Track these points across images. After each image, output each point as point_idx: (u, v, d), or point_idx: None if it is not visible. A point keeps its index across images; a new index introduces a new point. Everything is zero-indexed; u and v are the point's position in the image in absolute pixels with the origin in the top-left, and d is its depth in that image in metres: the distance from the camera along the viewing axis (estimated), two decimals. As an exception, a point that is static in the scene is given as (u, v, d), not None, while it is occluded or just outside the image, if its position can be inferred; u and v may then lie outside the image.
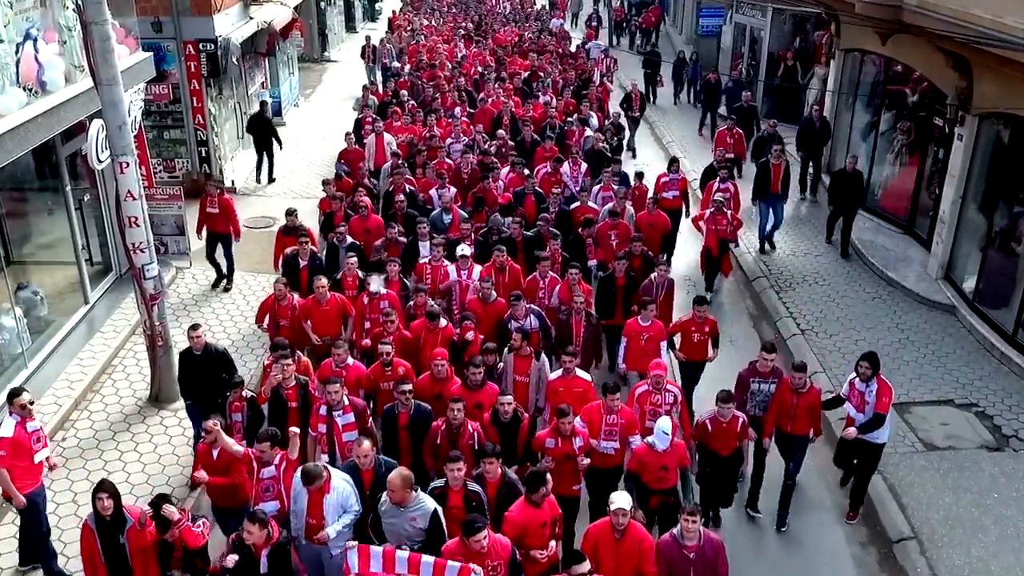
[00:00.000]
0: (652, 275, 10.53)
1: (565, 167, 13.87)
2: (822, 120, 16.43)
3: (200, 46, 15.32)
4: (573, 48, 25.15)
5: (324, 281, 9.63)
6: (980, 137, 12.13)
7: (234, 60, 16.34)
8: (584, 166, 14.07)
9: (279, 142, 17.46)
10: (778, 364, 8.62)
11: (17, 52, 9.30)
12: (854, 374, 8.47)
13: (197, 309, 12.32)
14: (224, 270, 13.05)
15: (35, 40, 9.62)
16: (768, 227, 14.47)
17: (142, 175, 10.42)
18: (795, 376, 8.28)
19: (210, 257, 12.93)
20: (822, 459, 9.67)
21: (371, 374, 8.56)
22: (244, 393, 8.08)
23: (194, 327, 8.72)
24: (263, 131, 17.18)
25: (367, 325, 9.71)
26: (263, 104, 17.95)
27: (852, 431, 8.31)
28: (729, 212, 12.66)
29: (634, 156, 19.44)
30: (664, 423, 7.44)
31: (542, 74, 19.94)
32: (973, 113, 11.99)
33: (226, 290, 12.89)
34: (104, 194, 12.02)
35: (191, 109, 15.76)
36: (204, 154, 16.18)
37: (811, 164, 16.79)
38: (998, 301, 11.78)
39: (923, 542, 8.35)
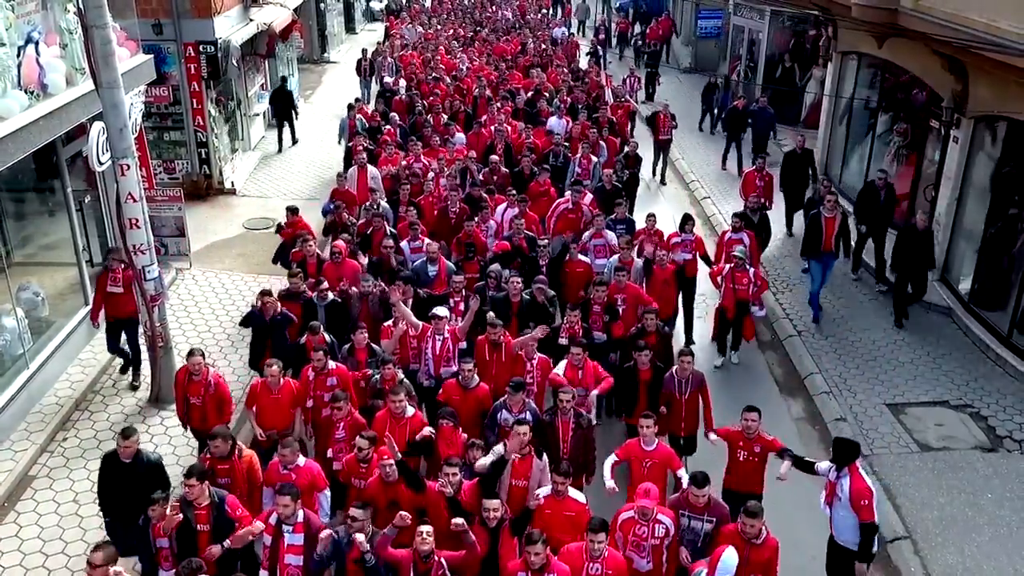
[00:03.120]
0: (673, 368, 8.47)
1: (588, 199, 12.18)
2: (887, 188, 13.09)
3: (200, 48, 15.38)
4: (583, 63, 23.51)
5: (276, 368, 8.06)
6: (976, 140, 12.21)
7: (234, 62, 16.42)
8: (589, 197, 12.40)
9: (296, 112, 19.88)
10: (718, 500, 6.99)
11: (18, 55, 9.36)
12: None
13: (197, 311, 12.38)
14: (130, 359, 10.67)
15: (36, 43, 9.66)
16: (816, 286, 12.42)
17: (142, 177, 10.47)
18: (746, 523, 6.29)
19: (113, 348, 10.50)
20: (813, 448, 9.76)
21: (346, 467, 7.36)
22: (168, 509, 6.46)
23: (126, 433, 7.13)
24: (284, 103, 19.25)
25: (309, 404, 8.24)
26: (283, 79, 19.72)
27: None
28: (752, 271, 10.89)
29: (662, 182, 18.10)
30: (730, 558, 6.05)
31: (547, 93, 17.86)
32: (968, 116, 12.07)
33: (133, 387, 10.54)
34: (105, 196, 12.06)
35: (191, 111, 15.83)
36: (204, 155, 16.26)
37: (873, 240, 13.34)
38: (994, 303, 11.85)
39: (917, 542, 8.42)
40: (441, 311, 8.87)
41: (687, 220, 11.78)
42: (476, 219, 11.37)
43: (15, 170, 10.06)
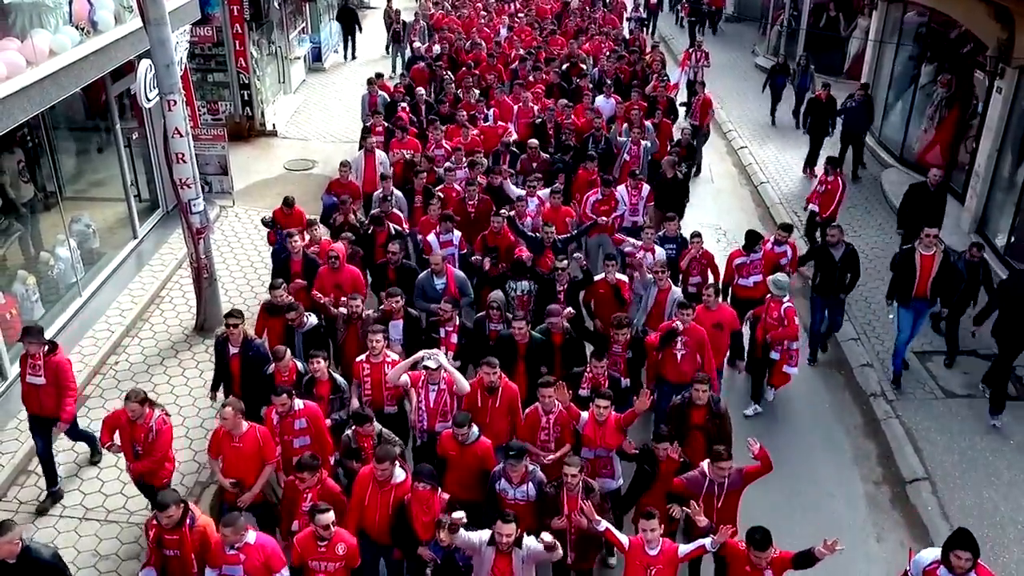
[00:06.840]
0: (703, 465, 6.59)
1: (621, 189, 10.72)
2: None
3: (243, -11, 15.57)
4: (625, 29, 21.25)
5: (230, 410, 6.75)
6: (1020, 90, 12.02)
7: (275, 4, 16.59)
8: (647, 188, 10.99)
9: (360, 26, 21.95)
10: None
11: (69, -9, 9.66)
12: (933, 557, 5.87)
13: (240, 246, 12.77)
14: (44, 471, 8.07)
15: (86, -20, 9.95)
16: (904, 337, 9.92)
17: (187, 115, 10.78)
18: None
19: (44, 454, 7.96)
20: (836, 398, 9.90)
21: (299, 546, 6.02)
22: None
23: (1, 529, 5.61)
24: (348, 19, 21.61)
25: (278, 452, 7.02)
26: None
27: None
28: (786, 306, 8.87)
29: (698, 172, 15.47)
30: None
31: (583, 66, 15.84)
32: (1014, 65, 11.87)
33: (42, 510, 7.97)
34: (151, 133, 12.44)
35: (234, 52, 16.08)
36: (246, 97, 16.55)
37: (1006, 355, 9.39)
38: (1029, 255, 11.76)
39: (936, 483, 8.61)
40: (431, 362, 7.21)
41: (754, 238, 9.74)
42: (500, 213, 9.70)
43: (67, 107, 10.44)
